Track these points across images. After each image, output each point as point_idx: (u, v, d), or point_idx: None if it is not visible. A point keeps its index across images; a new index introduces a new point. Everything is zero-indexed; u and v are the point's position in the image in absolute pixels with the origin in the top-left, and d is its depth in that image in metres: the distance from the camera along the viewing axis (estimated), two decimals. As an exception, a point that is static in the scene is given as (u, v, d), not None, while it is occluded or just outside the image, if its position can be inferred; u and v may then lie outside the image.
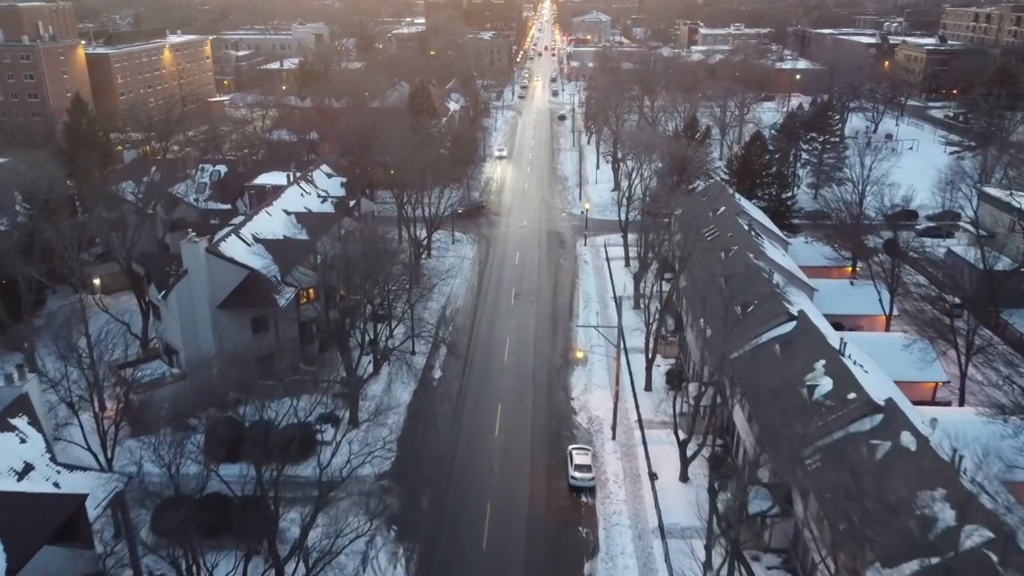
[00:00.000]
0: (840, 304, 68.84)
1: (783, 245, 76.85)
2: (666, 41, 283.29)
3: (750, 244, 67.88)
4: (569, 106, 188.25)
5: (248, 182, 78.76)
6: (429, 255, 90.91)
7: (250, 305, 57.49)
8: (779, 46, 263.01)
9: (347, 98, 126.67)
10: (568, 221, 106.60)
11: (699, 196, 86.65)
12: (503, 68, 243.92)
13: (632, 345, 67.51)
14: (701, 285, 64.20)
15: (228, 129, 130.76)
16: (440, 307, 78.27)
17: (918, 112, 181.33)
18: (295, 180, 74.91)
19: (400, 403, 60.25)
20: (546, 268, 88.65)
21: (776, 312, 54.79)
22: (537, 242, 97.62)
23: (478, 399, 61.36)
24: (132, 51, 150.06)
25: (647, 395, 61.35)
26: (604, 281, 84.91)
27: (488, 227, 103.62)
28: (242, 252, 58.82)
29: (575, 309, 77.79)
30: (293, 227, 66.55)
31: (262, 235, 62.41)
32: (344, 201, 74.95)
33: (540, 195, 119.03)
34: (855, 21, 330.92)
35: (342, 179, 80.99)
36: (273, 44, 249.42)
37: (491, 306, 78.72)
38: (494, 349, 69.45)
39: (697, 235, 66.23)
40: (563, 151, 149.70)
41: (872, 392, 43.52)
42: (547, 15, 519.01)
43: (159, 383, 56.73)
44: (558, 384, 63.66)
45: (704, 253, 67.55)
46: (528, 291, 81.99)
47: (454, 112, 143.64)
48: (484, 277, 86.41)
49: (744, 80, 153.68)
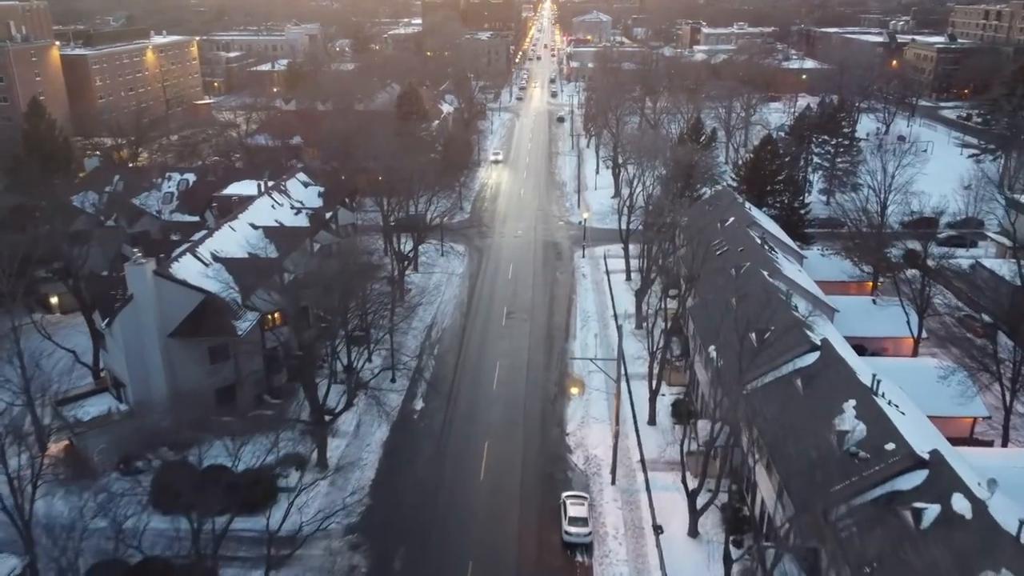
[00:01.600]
0: (863, 325, 62.63)
1: (798, 259, 70.66)
2: (668, 41, 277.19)
3: (764, 260, 61.71)
4: (568, 108, 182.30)
5: (217, 192, 72.63)
6: (416, 268, 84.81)
7: (206, 333, 51.35)
8: (784, 45, 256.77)
9: (332, 100, 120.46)
10: (565, 230, 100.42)
11: (705, 205, 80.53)
12: (501, 69, 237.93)
13: (635, 371, 61.33)
14: (710, 307, 58.10)
15: (212, 132, 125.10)
16: (425, 327, 72.14)
17: (929, 113, 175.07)
18: (266, 190, 68.78)
19: (375, 441, 54.07)
20: (541, 283, 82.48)
21: (796, 340, 48.55)
22: (532, 253, 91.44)
23: (463, 435, 55.16)
24: (112, 52, 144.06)
25: (651, 430, 55.12)
26: (604, 297, 78.72)
27: (480, 237, 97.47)
28: (197, 273, 52.69)
29: (572, 329, 71.58)
30: (260, 243, 60.41)
31: (223, 253, 56.29)
32: (319, 213, 68.82)
33: (536, 202, 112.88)
34: (860, 20, 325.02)
35: (319, 188, 74.84)
36: (265, 45, 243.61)
37: (481, 326, 72.56)
38: (483, 376, 63.27)
39: (705, 250, 60.03)
40: (561, 155, 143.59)
41: (914, 441, 37.31)
42: (547, 15, 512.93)
43: (103, 421, 50.62)
44: (552, 417, 57.45)
45: (713, 270, 61.46)
46: (521, 309, 75.81)
47: (447, 115, 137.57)
48: (474, 293, 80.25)
49: (749, 80, 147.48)
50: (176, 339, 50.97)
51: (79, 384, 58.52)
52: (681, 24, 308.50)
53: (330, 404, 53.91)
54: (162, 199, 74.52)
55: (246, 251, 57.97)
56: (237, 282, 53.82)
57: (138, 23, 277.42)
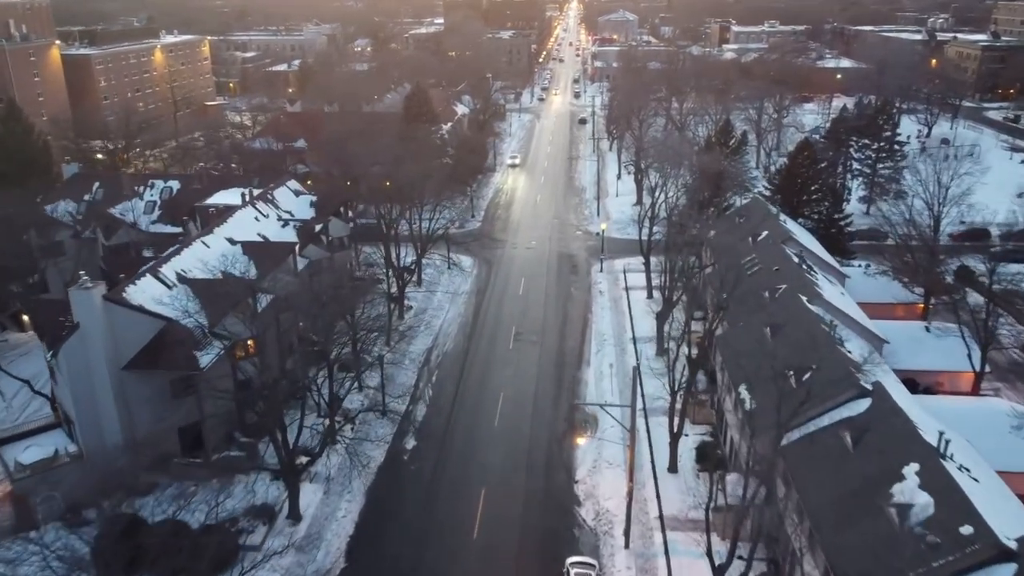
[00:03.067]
0: (914, 356, 55.13)
1: (839, 278, 63.24)
2: (695, 40, 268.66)
3: (802, 281, 54.54)
4: (591, 109, 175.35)
5: (200, 202, 66.81)
6: (419, 283, 78.55)
7: (165, 366, 45.36)
8: (817, 44, 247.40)
9: (339, 102, 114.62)
10: (583, 241, 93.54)
11: (736, 217, 73.36)
12: (522, 69, 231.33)
13: (655, 406, 54.54)
14: (741, 337, 51.10)
15: (223, 135, 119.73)
16: (425, 350, 65.78)
17: (973, 114, 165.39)
18: (250, 200, 62.81)
19: (358, 488, 47.65)
20: (554, 300, 75.76)
21: (843, 384, 41.40)
22: (546, 267, 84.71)
23: (457, 481, 48.63)
24: (117, 52, 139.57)
25: (671, 480, 48.20)
26: (622, 317, 71.79)
27: (491, 248, 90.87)
28: (158, 297, 46.71)
29: (586, 354, 64.76)
30: (238, 260, 54.36)
31: (192, 273, 50.33)
32: (309, 225, 62.67)
33: (553, 209, 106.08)
34: (896, 18, 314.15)
35: (311, 197, 68.73)
36: (283, 46, 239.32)
37: (485, 349, 66.03)
38: (484, 409, 56.69)
39: (736, 271, 52.99)
40: (582, 159, 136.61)
41: (995, 523, 30.18)
42: (573, 15, 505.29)
43: (48, 464, 44.80)
44: (559, 460, 50.73)
45: (744, 292, 54.38)
46: (531, 330, 69.17)
47: (461, 116, 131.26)
48: (481, 311, 73.73)
49: (782, 80, 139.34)
50: (132, 372, 45.01)
51: (38, 415, 53.29)
52: (710, 23, 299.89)
53: (311, 443, 47.92)
54: (144, 208, 68.90)
55: (219, 270, 51.93)
56: (204, 306, 47.79)
57: (159, 24, 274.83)
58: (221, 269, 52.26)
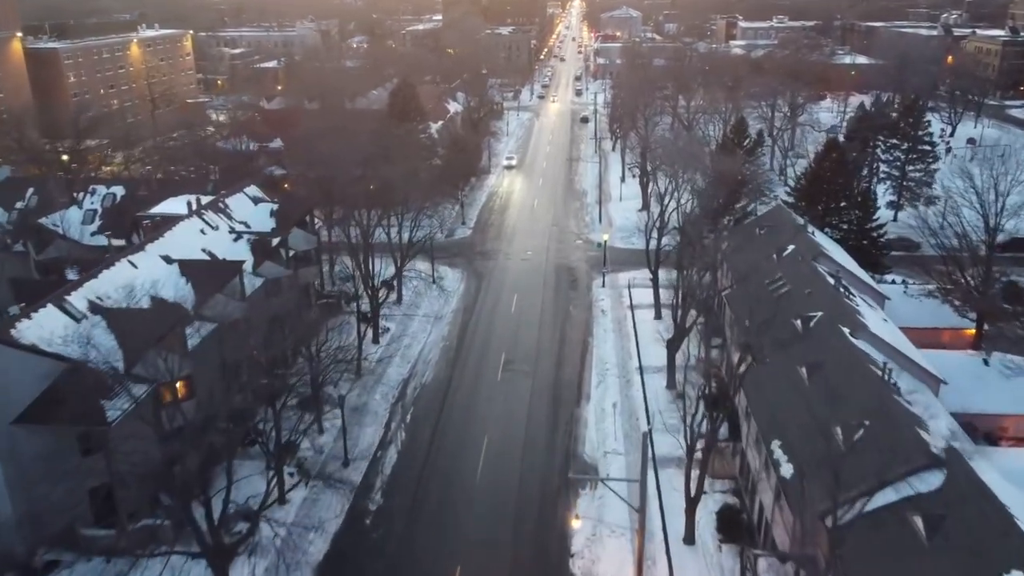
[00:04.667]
0: (972, 396, 46.23)
1: (879, 300, 54.70)
2: (701, 37, 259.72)
3: (841, 309, 46.07)
4: (593, 107, 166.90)
5: (144, 211, 58.38)
6: (399, 299, 70.13)
7: (65, 419, 36.93)
8: (828, 40, 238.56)
9: (321, 98, 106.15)
10: (584, 251, 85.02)
11: (755, 227, 64.85)
12: (522, 66, 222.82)
13: (665, 452, 46.18)
14: (771, 377, 42.61)
15: (203, 133, 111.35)
16: (401, 380, 57.37)
17: (996, 112, 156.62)
18: (197, 210, 54.36)
19: (308, 562, 39.29)
20: (550, 320, 67.29)
21: (907, 449, 32.87)
22: (542, 280, 76.22)
23: (428, 554, 40.19)
24: (89, 46, 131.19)
25: (688, 553, 39.71)
26: (627, 341, 63.31)
27: (482, 258, 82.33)
28: (62, 333, 38.30)
29: (586, 387, 56.24)
30: (175, 283, 46.05)
31: (110, 300, 41.94)
32: (264, 239, 54.18)
33: (551, 215, 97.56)
34: (906, 14, 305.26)
35: (272, 205, 60.23)
36: (275, 42, 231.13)
37: (470, 380, 57.57)
38: (465, 457, 48.24)
39: (762, 299, 44.49)
40: (583, 160, 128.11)
41: None
42: (576, 12, 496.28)
43: (-78, 540, 36.48)
44: (552, 524, 42.23)
45: (769, 316, 45.93)
46: (523, 357, 60.68)
47: (454, 114, 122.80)
48: (467, 333, 65.27)
49: (796, 76, 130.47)
50: (25, 426, 36.62)
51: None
52: (715, 19, 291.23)
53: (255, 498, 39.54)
54: (83, 217, 60.61)
55: (148, 295, 43.59)
56: (121, 342, 39.42)
57: (153, 19, 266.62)
58: (151, 294, 43.94)
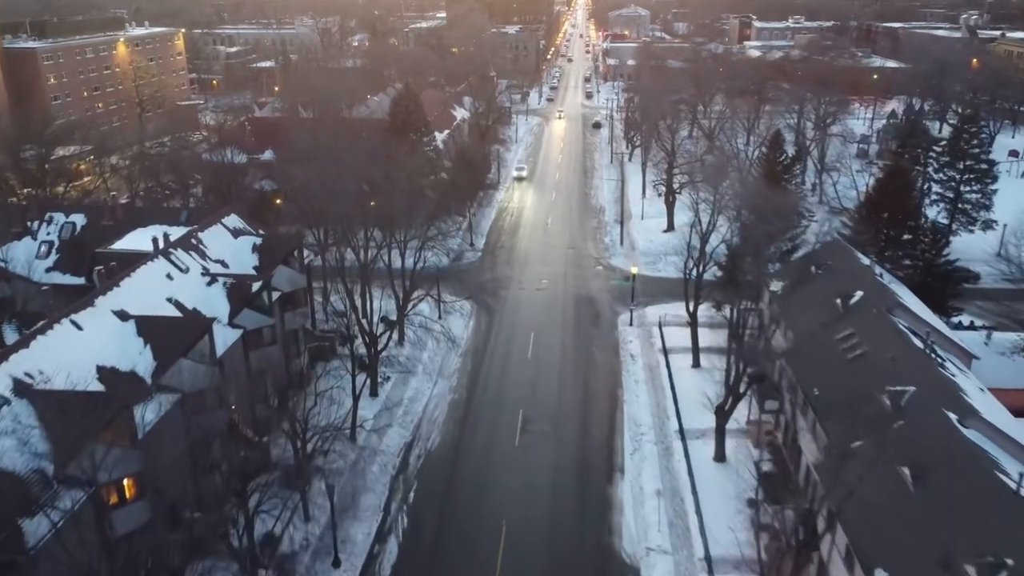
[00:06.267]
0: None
1: (965, 359, 46.53)
2: (712, 37, 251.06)
3: (940, 386, 37.88)
4: (606, 111, 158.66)
5: (105, 246, 50.12)
6: (401, 340, 62.04)
7: (-29, 542, 28.90)
8: (846, 41, 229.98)
9: (316, 105, 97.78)
10: (604, 278, 76.79)
11: (808, 263, 56.47)
12: (530, 67, 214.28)
13: (721, 552, 38.19)
14: (861, 479, 34.32)
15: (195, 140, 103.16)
16: (403, 445, 49.33)
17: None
18: (163, 249, 46.16)
19: None
20: (572, 367, 59.16)
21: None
22: (561, 316, 68.06)
23: None
24: (71, 46, 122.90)
25: None
26: (662, 395, 55.14)
27: (493, 288, 74.02)
28: (-28, 426, 30.27)
29: (618, 458, 48.09)
30: (130, 347, 37.94)
31: (45, 379, 33.83)
32: (243, 283, 45.95)
33: (567, 236, 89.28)
34: (923, 15, 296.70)
35: (255, 239, 51.95)
36: (273, 40, 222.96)
37: (482, 446, 49.48)
38: (478, 553, 40.17)
39: (828, 359, 36.36)
40: (598, 169, 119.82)
41: None
42: (581, 10, 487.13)
43: None
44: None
45: (845, 390, 37.85)
46: (543, 414, 52.56)
47: (460, 122, 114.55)
48: (479, 383, 57.15)
49: (826, 82, 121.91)
50: (-79, 551, 28.58)
51: None
52: (727, 18, 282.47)
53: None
54: (36, 251, 52.55)
55: (94, 367, 35.53)
56: (51, 434, 31.39)
57: (145, 15, 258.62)
58: (98, 365, 35.88)
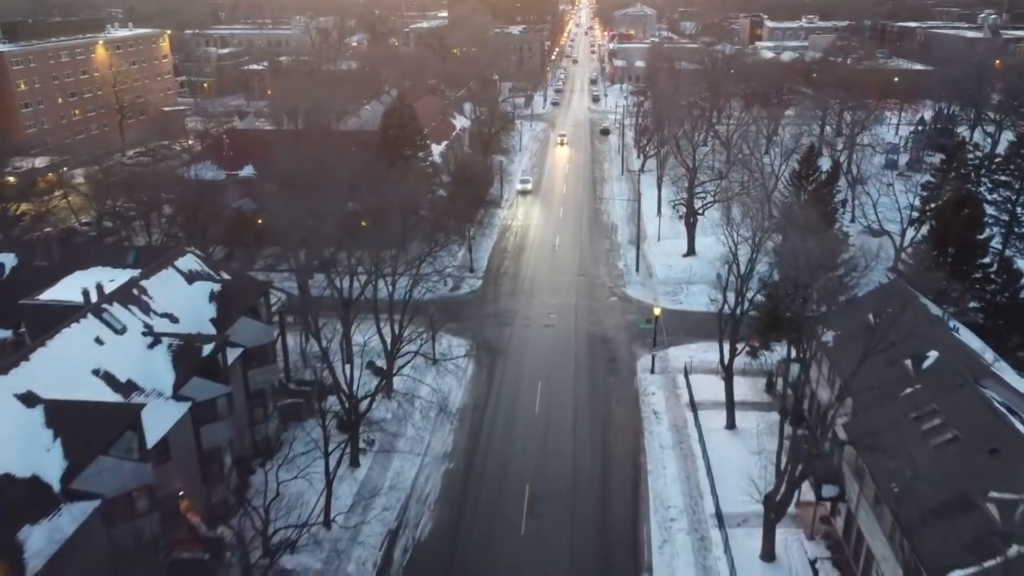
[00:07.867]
0: None
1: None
2: (721, 37, 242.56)
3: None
4: (614, 116, 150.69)
5: (31, 296, 42.00)
6: (389, 392, 53.98)
7: None
8: (858, 42, 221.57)
9: (304, 115, 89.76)
10: (621, 311, 68.70)
11: (864, 310, 48.15)
12: (535, 69, 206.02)
13: None
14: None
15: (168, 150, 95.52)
16: (386, 533, 41.29)
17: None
18: (98, 301, 38.10)
19: None
20: (587, 426, 51.05)
21: None
22: (573, 360, 59.93)
23: None
24: (44, 49, 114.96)
25: None
26: (692, 463, 47.00)
27: (494, 324, 65.61)
28: None
29: (644, 552, 40.04)
30: (35, 441, 29.96)
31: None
32: (192, 345, 37.86)
33: (577, 260, 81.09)
34: (937, 14, 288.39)
35: (213, 285, 43.80)
36: (268, 41, 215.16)
37: (483, 533, 41.42)
38: None
39: (904, 443, 28.33)
40: (608, 181, 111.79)
41: None
42: (585, 10, 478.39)
43: None
44: None
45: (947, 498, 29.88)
46: (555, 490, 44.47)
47: (460, 131, 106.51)
48: (479, 447, 49.11)
49: (850, 86, 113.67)
50: None
51: None
52: (736, 17, 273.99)
53: None
54: (-42, 297, 44.51)
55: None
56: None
57: (138, 15, 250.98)
58: (-14, 469, 27.90)
